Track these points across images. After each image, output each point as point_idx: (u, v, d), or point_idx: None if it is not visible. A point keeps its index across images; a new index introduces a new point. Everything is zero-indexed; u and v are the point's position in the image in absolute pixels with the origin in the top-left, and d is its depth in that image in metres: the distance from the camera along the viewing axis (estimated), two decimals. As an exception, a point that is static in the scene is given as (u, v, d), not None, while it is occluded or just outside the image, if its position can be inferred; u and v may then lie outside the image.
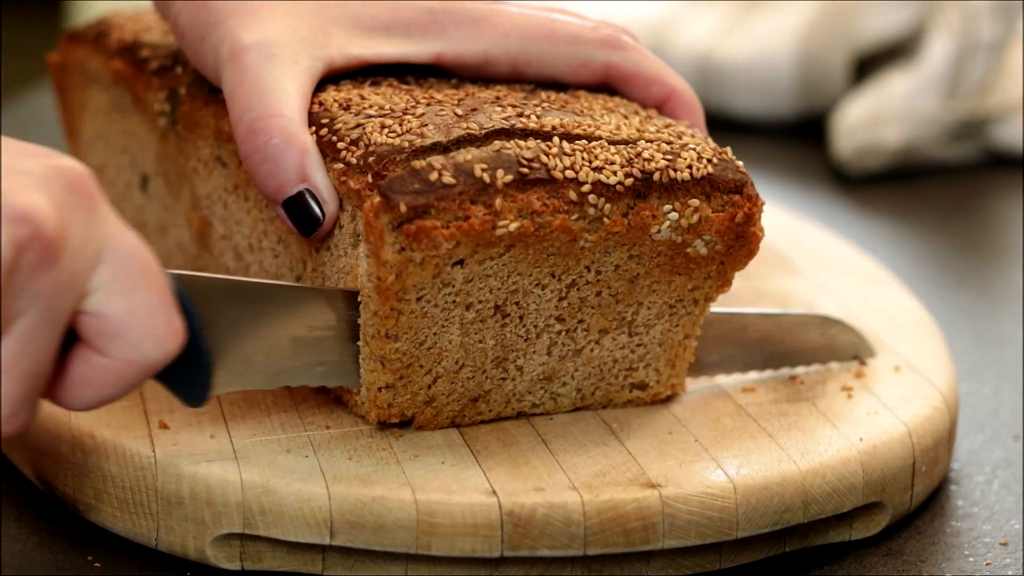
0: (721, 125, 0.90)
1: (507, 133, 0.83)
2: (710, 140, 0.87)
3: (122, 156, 1.01)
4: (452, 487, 0.79)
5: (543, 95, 0.88)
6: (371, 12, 0.88)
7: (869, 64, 1.46)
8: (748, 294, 1.02)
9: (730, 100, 1.49)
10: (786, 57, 1.47)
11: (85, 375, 0.71)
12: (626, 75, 0.90)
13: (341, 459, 0.82)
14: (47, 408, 0.85)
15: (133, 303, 0.71)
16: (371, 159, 0.81)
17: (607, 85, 0.91)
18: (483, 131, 0.82)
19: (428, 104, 0.85)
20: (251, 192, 0.90)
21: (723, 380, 0.91)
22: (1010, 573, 0.83)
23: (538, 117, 0.84)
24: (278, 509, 0.79)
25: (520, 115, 0.84)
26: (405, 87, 0.88)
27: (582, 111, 0.86)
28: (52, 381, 0.71)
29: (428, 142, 0.82)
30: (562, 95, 0.88)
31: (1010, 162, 1.42)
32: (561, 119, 0.84)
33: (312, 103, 0.86)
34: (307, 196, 0.83)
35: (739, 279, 1.03)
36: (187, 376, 0.77)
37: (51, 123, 1.09)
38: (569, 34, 0.89)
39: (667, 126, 0.87)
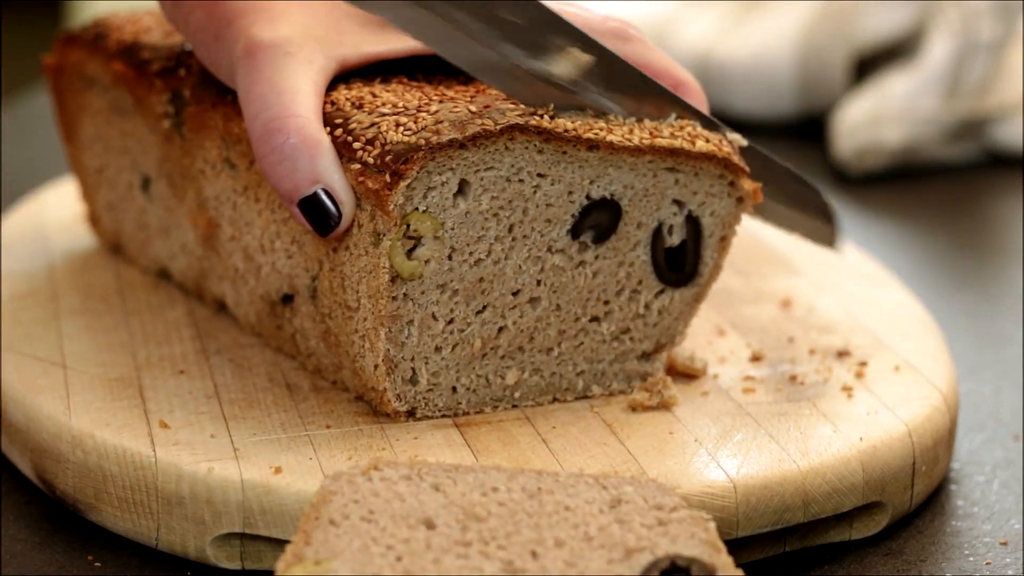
0: (721, 125, 0.90)
1: (522, 129, 0.83)
2: (724, 142, 0.88)
3: (122, 158, 1.01)
4: (452, 487, 0.79)
5: None
6: None
7: (869, 64, 1.46)
8: (749, 293, 1.02)
9: (730, 100, 1.49)
10: (786, 57, 1.47)
11: None
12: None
13: (341, 459, 0.82)
14: (47, 408, 0.85)
15: None
16: (388, 158, 0.82)
17: None
18: (498, 127, 0.83)
19: (441, 101, 0.85)
20: (262, 193, 0.90)
21: (723, 380, 0.92)
22: (1010, 573, 0.83)
23: (552, 117, 0.84)
24: (278, 509, 0.79)
25: (534, 113, 0.84)
26: (415, 84, 0.88)
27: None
28: None
29: (444, 139, 0.82)
30: None
31: (1010, 162, 1.42)
32: (574, 121, 0.85)
33: (324, 102, 0.86)
34: (323, 195, 0.83)
35: (739, 278, 1.03)
36: None
37: (51, 123, 1.09)
38: (579, 23, 0.90)
39: (682, 128, 0.87)
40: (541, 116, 0.84)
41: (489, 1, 0.84)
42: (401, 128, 0.83)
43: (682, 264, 0.89)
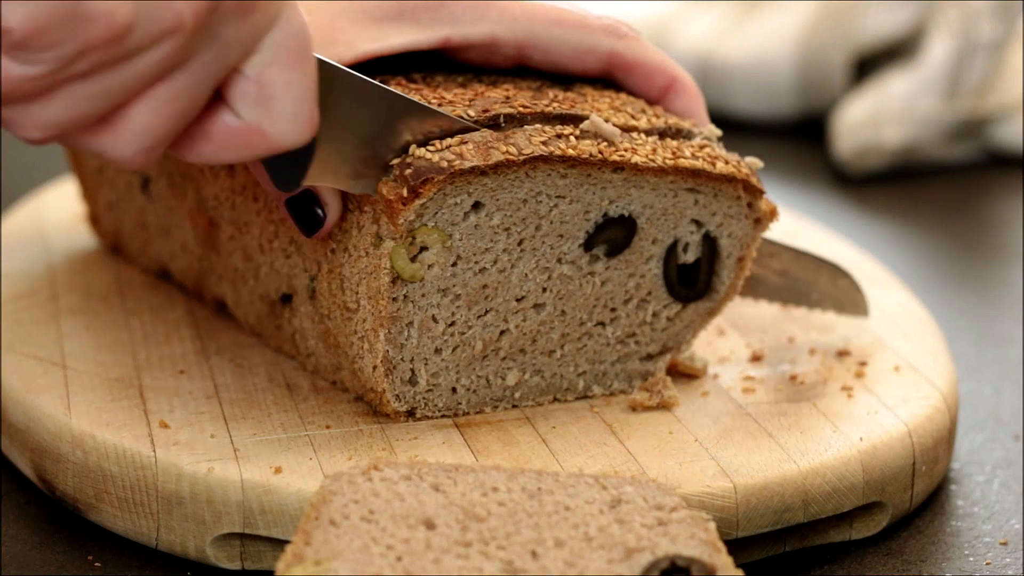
0: (721, 125, 0.90)
1: (545, 160, 0.83)
2: (743, 164, 0.88)
3: (122, 156, 1.01)
4: (452, 487, 0.79)
5: (551, 93, 0.88)
6: (379, 1, 0.88)
7: (869, 64, 1.46)
8: (748, 294, 1.02)
9: (730, 100, 1.49)
10: (786, 57, 1.47)
11: (212, 131, 0.72)
12: (629, 64, 0.90)
13: (341, 459, 0.82)
14: (47, 408, 0.85)
15: (289, 78, 0.71)
16: (408, 171, 0.81)
17: (608, 74, 0.91)
18: (521, 156, 0.82)
19: (440, 105, 0.85)
20: (260, 193, 0.90)
21: (723, 380, 0.92)
22: (1010, 573, 0.83)
23: (576, 139, 0.84)
24: (278, 509, 0.79)
25: (559, 136, 0.84)
26: (414, 86, 0.87)
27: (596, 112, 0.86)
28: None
29: (467, 165, 0.81)
30: (569, 93, 0.88)
31: (1010, 162, 1.42)
32: (599, 145, 0.84)
33: None
34: (310, 196, 0.83)
35: (739, 279, 1.03)
36: (287, 160, 0.77)
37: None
38: (576, 20, 0.90)
39: (702, 148, 0.87)
40: (566, 140, 0.84)
41: None
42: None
43: (694, 281, 0.89)
